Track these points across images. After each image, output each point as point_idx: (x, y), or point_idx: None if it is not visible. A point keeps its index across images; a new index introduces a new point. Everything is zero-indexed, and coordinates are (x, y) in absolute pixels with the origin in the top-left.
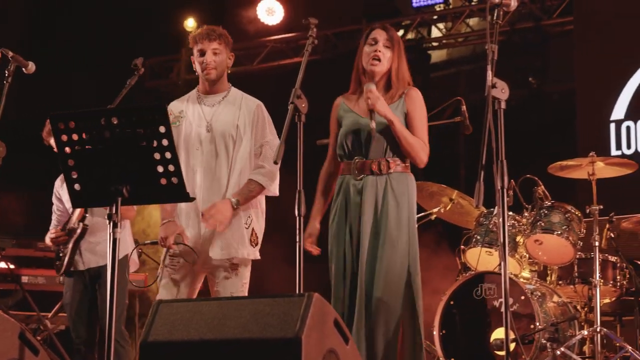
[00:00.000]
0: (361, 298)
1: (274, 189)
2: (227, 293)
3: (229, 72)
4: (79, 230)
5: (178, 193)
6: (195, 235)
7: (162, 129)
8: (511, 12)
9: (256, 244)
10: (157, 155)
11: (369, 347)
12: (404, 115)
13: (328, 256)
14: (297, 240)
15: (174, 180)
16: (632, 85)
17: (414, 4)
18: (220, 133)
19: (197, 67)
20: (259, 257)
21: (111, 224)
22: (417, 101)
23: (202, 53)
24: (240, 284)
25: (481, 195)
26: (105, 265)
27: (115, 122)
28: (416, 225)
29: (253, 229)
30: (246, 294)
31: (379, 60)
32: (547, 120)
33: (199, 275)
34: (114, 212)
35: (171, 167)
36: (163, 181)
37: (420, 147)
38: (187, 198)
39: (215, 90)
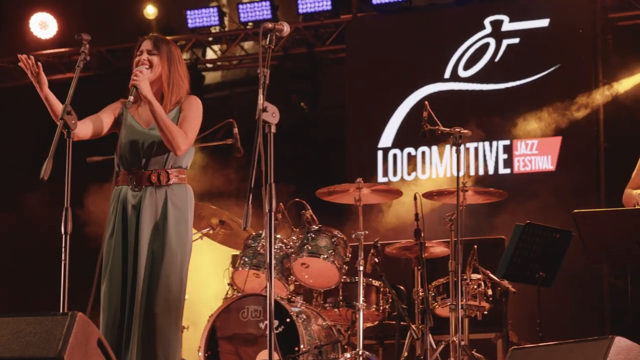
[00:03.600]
0: (138, 315)
1: None
2: None
3: None
4: None
5: None
6: None
7: None
8: (284, 37)
9: None
10: None
11: None
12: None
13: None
14: (62, 258)
15: None
16: (400, 114)
17: (190, 25)
18: None
19: None
20: None
21: None
22: (192, 104)
23: None
24: None
25: (249, 218)
26: None
27: None
28: (191, 239)
29: None
30: None
31: (147, 67)
32: (318, 145)
33: None
34: None
35: None
36: None
37: (178, 133)
38: None
39: None
